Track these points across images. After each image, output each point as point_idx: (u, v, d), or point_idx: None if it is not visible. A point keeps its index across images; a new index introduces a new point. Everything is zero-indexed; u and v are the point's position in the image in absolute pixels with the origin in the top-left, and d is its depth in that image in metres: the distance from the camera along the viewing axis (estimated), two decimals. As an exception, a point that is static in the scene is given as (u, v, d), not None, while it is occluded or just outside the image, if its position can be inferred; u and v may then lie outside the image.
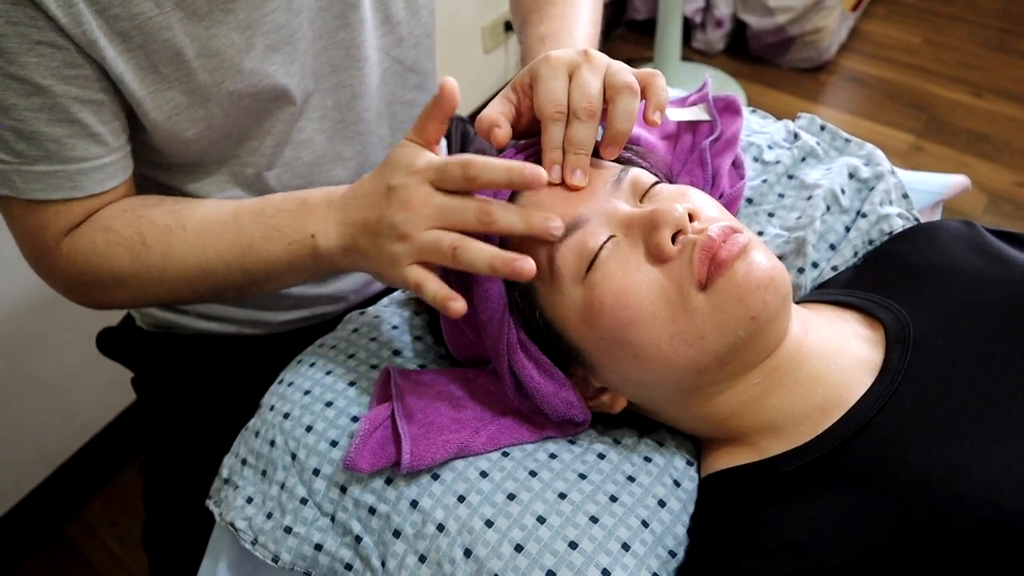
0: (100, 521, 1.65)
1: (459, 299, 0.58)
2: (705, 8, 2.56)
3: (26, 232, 0.71)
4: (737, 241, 0.56)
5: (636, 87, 0.60)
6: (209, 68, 0.66)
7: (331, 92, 0.77)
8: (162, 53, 0.64)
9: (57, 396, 1.54)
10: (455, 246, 0.58)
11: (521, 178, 0.57)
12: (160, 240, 0.69)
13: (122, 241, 0.69)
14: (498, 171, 0.57)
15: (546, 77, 0.61)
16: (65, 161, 0.65)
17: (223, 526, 0.68)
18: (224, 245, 0.68)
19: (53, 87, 0.61)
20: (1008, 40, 2.52)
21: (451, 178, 0.59)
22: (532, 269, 0.56)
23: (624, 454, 0.64)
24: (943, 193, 0.88)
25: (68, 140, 0.64)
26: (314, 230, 0.66)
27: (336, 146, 0.80)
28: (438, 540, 0.59)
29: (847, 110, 2.37)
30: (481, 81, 2.26)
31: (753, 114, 0.93)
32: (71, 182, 0.66)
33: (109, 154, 0.68)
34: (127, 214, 0.70)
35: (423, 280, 0.59)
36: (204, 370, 0.93)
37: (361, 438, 0.62)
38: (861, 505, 0.53)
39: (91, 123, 0.65)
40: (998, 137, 2.22)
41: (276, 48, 0.69)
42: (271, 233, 0.67)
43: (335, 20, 0.73)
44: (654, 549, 0.59)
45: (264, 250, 0.67)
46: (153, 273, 0.70)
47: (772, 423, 0.60)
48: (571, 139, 0.60)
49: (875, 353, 0.61)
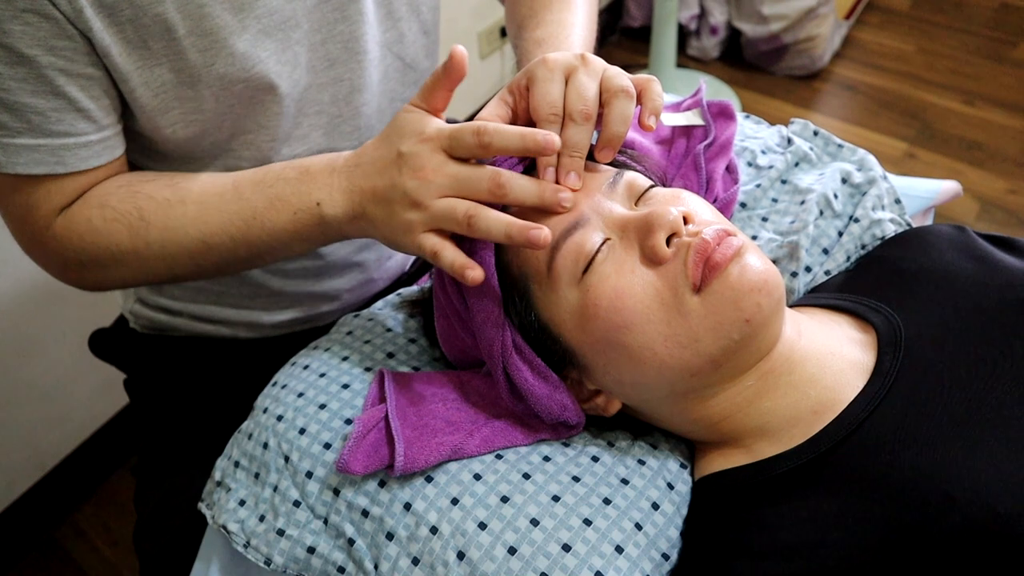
0: (92, 525, 1.64)
1: (477, 267, 0.58)
2: (700, 15, 2.57)
3: (15, 211, 0.69)
4: (731, 244, 0.57)
5: (632, 91, 0.60)
6: (200, 47, 0.65)
7: (328, 87, 0.76)
8: (152, 28, 0.63)
9: (50, 399, 1.53)
10: (471, 214, 0.58)
11: (535, 144, 0.57)
12: (159, 214, 0.67)
13: (119, 217, 0.68)
14: (511, 137, 0.57)
15: (542, 79, 0.61)
16: (49, 135, 0.63)
17: (215, 529, 0.68)
18: (227, 217, 0.67)
19: (39, 57, 0.60)
20: (1000, 49, 2.54)
21: (464, 145, 0.59)
22: (548, 236, 0.57)
23: (618, 457, 0.65)
24: (935, 198, 0.89)
25: (52, 113, 0.63)
26: (319, 198, 0.65)
27: (333, 142, 0.79)
28: (431, 543, 0.59)
29: (840, 117, 2.38)
30: (477, 86, 2.26)
31: (747, 119, 0.94)
32: (55, 156, 0.65)
33: (97, 131, 0.66)
34: (123, 189, 0.68)
35: (440, 248, 0.59)
36: (197, 372, 0.92)
37: (354, 440, 0.62)
38: (853, 507, 0.53)
39: (78, 98, 0.63)
40: (990, 145, 2.23)
41: (268, 33, 0.68)
42: (274, 203, 0.66)
43: (334, 12, 0.72)
44: (647, 552, 0.59)
45: (268, 220, 0.66)
46: (153, 249, 0.68)
47: (765, 426, 0.60)
48: (566, 142, 0.60)
49: (867, 356, 0.61)
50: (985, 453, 0.51)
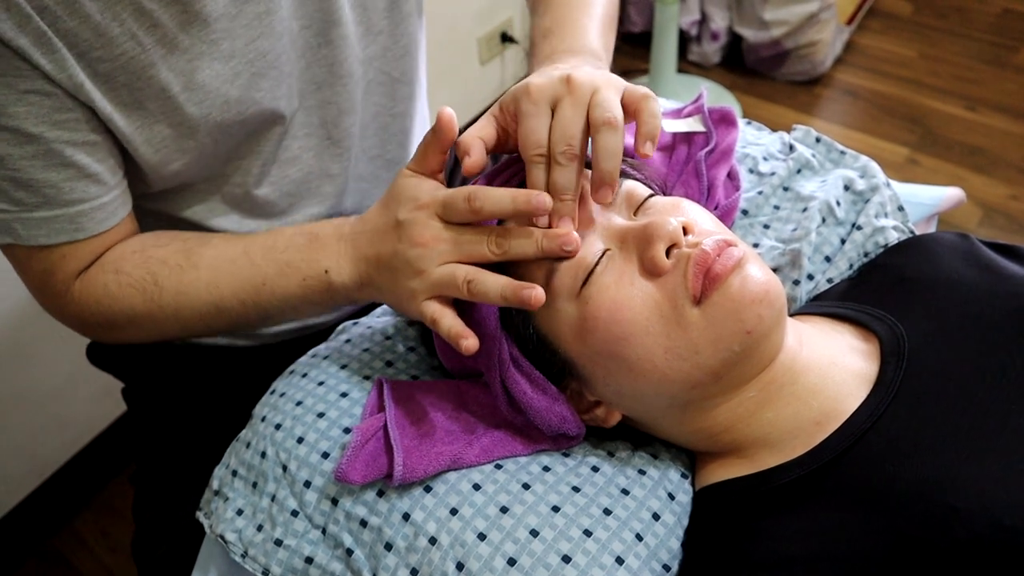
0: (91, 532, 1.64)
1: (471, 337, 0.58)
2: (701, 21, 2.57)
3: (35, 277, 0.71)
4: (732, 255, 0.56)
5: (617, 122, 0.57)
6: (195, 101, 0.66)
7: (316, 109, 0.77)
8: (147, 90, 0.64)
9: (48, 406, 1.53)
10: (469, 280, 0.58)
11: (527, 207, 0.56)
12: (172, 280, 0.69)
13: (133, 282, 0.69)
14: (503, 201, 0.57)
15: (527, 114, 0.59)
16: (65, 204, 0.65)
17: (213, 538, 0.67)
18: (238, 283, 0.68)
19: (45, 133, 0.61)
20: (1002, 54, 2.53)
21: (457, 211, 0.59)
22: (541, 297, 0.56)
23: (618, 467, 0.64)
24: (938, 206, 0.88)
25: (65, 184, 0.64)
26: (327, 265, 0.66)
27: (324, 163, 0.80)
28: (430, 553, 0.58)
29: (842, 123, 2.38)
30: (477, 92, 2.26)
31: (748, 126, 0.93)
32: (73, 224, 0.66)
33: (108, 192, 0.67)
34: (137, 255, 0.70)
35: (439, 316, 0.60)
36: (195, 381, 0.92)
37: (353, 450, 0.61)
38: (855, 518, 0.52)
39: (87, 164, 0.64)
40: (992, 150, 2.23)
41: (262, 74, 0.69)
42: (284, 269, 0.67)
43: (316, 38, 0.72)
44: (648, 563, 0.58)
45: (278, 287, 0.68)
46: (167, 312, 0.70)
47: (767, 436, 0.60)
48: (554, 185, 0.57)
49: (870, 366, 0.61)
50: (990, 464, 0.51)
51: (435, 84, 2.06)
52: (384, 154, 0.85)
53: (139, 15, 0.60)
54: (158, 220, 0.78)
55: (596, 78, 0.59)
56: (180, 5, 0.61)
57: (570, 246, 0.57)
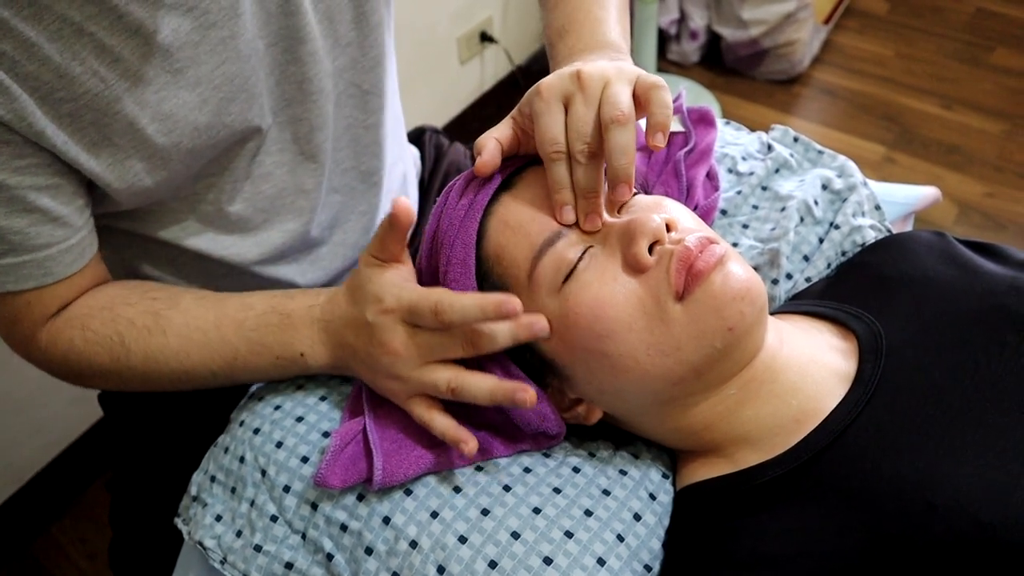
0: (69, 538, 1.62)
1: (471, 441, 0.59)
2: (680, 20, 2.58)
3: (1, 323, 0.69)
4: (714, 252, 0.56)
5: (625, 118, 0.56)
6: (164, 131, 0.64)
7: (288, 125, 0.75)
8: (114, 126, 0.62)
9: (24, 411, 1.50)
10: (453, 387, 0.59)
11: (495, 311, 0.56)
12: (140, 343, 0.68)
13: (100, 340, 0.68)
14: (471, 310, 0.56)
15: (541, 113, 0.59)
16: (32, 250, 0.63)
17: (192, 545, 0.67)
18: (207, 354, 0.68)
19: (6, 180, 0.59)
20: (978, 53, 2.56)
21: (424, 321, 0.59)
22: (533, 398, 0.57)
23: (599, 467, 0.64)
24: (915, 204, 0.89)
25: (31, 229, 0.62)
26: (302, 350, 0.66)
27: (298, 178, 0.78)
28: (411, 557, 0.58)
29: (820, 122, 2.39)
30: (456, 92, 2.25)
31: (727, 126, 0.94)
32: (41, 269, 0.65)
33: (75, 234, 0.66)
34: (104, 312, 0.69)
35: (429, 419, 0.61)
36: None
37: (332, 454, 0.61)
38: (835, 515, 0.53)
39: (51, 207, 0.63)
40: (968, 148, 2.25)
41: (231, 99, 0.67)
42: (256, 348, 0.67)
43: (284, 55, 0.70)
44: (630, 564, 0.58)
45: (251, 363, 0.68)
46: (135, 373, 0.69)
47: (747, 434, 0.60)
48: (578, 184, 0.58)
49: (848, 364, 0.61)
50: (967, 460, 0.51)
51: (414, 84, 2.06)
52: (358, 166, 0.83)
53: (100, 52, 0.58)
54: (131, 240, 0.76)
55: (607, 71, 0.59)
56: (140, 37, 0.59)
57: (544, 332, 0.58)
